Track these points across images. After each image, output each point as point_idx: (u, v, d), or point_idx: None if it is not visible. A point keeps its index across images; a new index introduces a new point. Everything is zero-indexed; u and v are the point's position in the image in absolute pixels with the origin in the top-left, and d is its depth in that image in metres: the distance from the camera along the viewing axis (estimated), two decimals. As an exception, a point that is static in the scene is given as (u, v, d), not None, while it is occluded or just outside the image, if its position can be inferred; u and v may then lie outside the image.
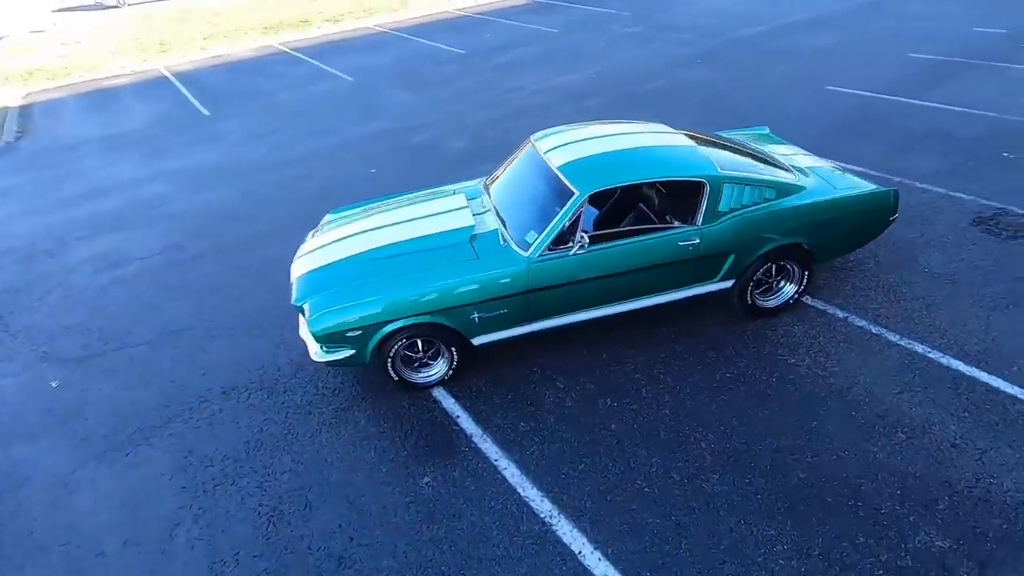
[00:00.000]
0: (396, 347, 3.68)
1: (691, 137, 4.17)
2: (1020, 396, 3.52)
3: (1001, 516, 2.90)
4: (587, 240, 3.60)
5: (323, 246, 4.09)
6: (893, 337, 4.00)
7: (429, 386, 3.92)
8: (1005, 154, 6.32)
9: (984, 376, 3.67)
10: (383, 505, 3.26)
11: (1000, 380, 3.63)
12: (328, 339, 3.57)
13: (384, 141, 8.52)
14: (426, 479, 3.38)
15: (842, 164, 5.34)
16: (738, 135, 5.01)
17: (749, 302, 4.17)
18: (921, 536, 2.85)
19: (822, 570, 2.75)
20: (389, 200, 4.56)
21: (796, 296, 4.26)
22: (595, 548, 2.95)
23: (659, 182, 4.03)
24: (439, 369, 3.90)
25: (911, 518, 2.93)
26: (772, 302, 4.26)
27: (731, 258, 3.89)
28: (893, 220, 4.24)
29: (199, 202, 7.22)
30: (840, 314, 4.25)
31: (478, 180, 4.72)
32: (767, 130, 5.33)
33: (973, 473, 3.11)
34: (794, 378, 3.78)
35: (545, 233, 3.64)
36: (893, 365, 3.81)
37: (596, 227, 4.23)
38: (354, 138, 8.76)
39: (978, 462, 3.17)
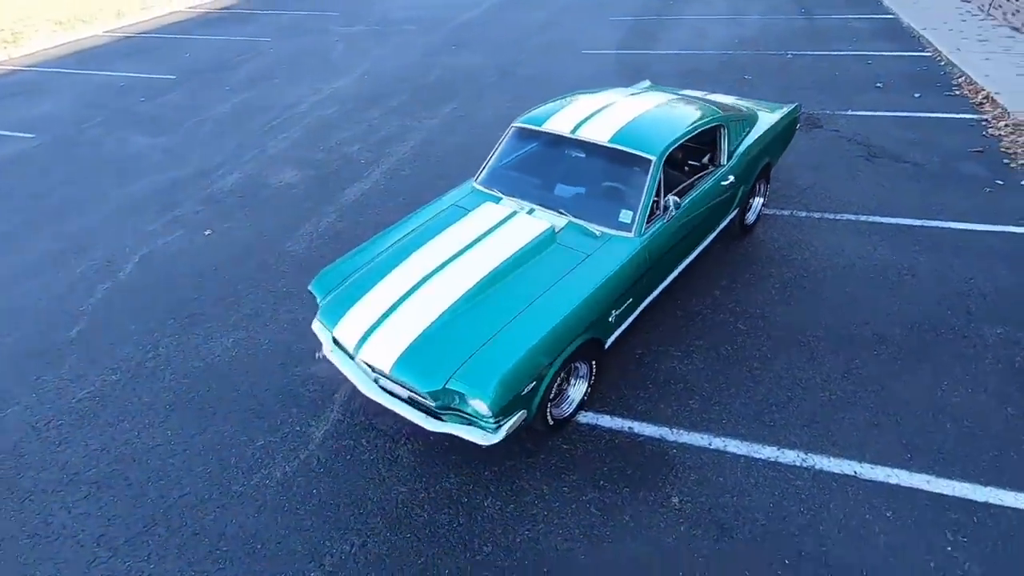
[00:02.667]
0: (554, 387, 3.07)
1: (665, 94, 4.40)
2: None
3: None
4: (679, 200, 3.56)
5: (385, 319, 3.07)
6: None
7: (573, 416, 3.40)
8: (747, 77, 8.35)
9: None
10: (679, 555, 2.78)
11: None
12: (505, 411, 2.76)
13: (187, 192, 6.49)
14: (674, 500, 2.98)
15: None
16: (648, 89, 5.41)
17: (740, 223, 4.73)
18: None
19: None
20: (393, 246, 3.61)
21: (763, 206, 5.01)
22: (863, 463, 3.05)
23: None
24: (579, 391, 3.39)
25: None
26: (752, 217, 4.91)
27: (741, 188, 4.33)
28: (797, 128, 5.30)
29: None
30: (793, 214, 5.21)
31: (462, 188, 4.12)
32: (648, 83, 5.93)
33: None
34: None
35: (641, 207, 3.45)
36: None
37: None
38: (124, 204, 6.45)
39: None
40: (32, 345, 4.44)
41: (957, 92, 7.20)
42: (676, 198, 3.55)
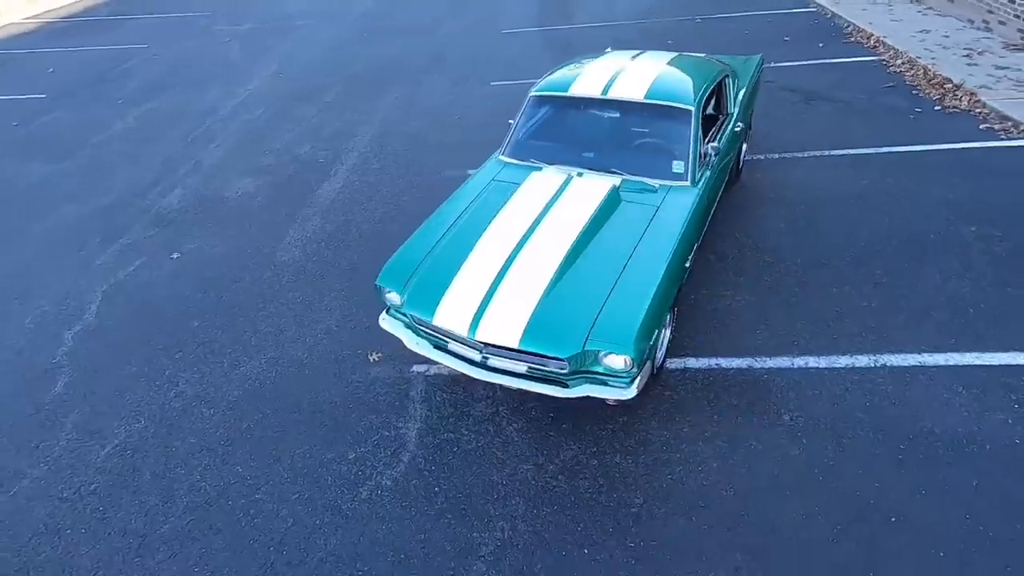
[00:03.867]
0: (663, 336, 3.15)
1: (663, 53, 4.59)
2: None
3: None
4: (718, 147, 3.75)
5: (491, 296, 2.97)
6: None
7: (664, 363, 3.50)
8: (669, 42, 8.84)
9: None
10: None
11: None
12: (641, 363, 2.79)
13: (127, 217, 5.68)
14: (785, 417, 3.19)
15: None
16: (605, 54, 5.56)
17: (735, 168, 5.06)
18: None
19: None
20: (454, 228, 3.48)
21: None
22: (923, 353, 3.43)
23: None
24: (666, 337, 3.47)
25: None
26: (743, 161, 5.26)
27: (745, 133, 4.65)
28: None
29: None
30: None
31: (491, 164, 4.04)
32: (610, 49, 6.10)
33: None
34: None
35: (691, 156, 3.60)
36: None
37: None
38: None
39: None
40: (11, 411, 3.74)
41: (852, 39, 8.17)
42: (715, 144, 3.75)
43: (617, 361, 2.76)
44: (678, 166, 3.60)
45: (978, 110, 5.88)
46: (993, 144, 5.43)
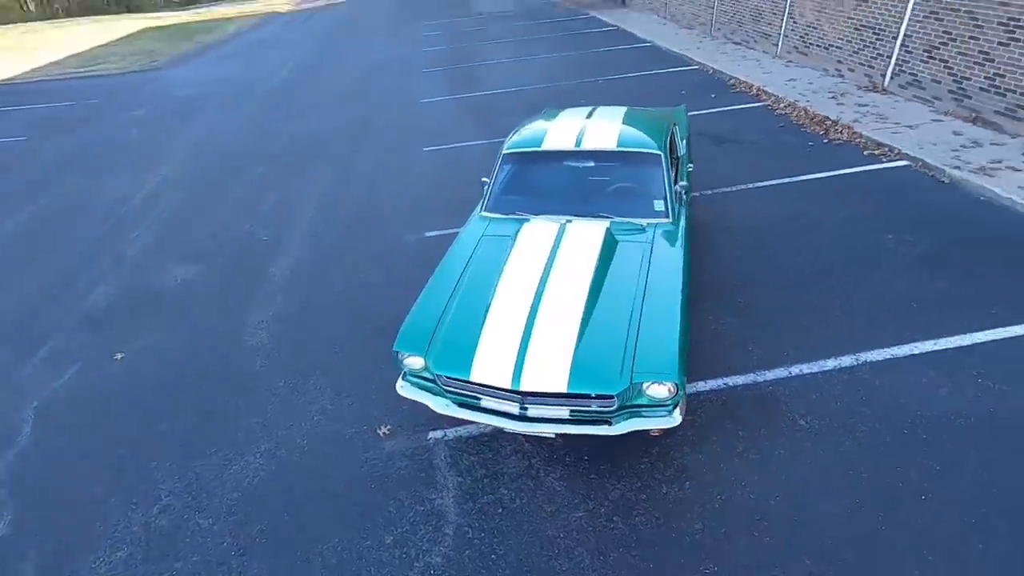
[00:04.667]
0: None
1: (611, 107, 4.99)
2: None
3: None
4: (687, 185, 4.08)
5: (526, 346, 2.97)
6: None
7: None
8: (582, 102, 9.56)
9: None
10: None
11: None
12: (684, 385, 2.88)
13: (48, 320, 4.98)
14: (801, 423, 3.39)
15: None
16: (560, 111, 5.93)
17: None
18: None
19: None
20: (463, 287, 3.46)
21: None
22: (895, 346, 3.81)
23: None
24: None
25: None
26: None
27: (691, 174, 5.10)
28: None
29: None
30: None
31: (475, 221, 4.10)
32: (547, 109, 6.50)
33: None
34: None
35: (669, 195, 3.89)
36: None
37: None
38: None
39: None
40: (-53, 566, 3.08)
41: (737, 89, 9.32)
42: (683, 183, 4.10)
43: (661, 390, 2.85)
44: (659, 205, 3.88)
45: (857, 140, 6.91)
46: (878, 166, 6.37)
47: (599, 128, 4.29)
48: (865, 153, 6.64)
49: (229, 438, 3.73)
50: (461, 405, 3.20)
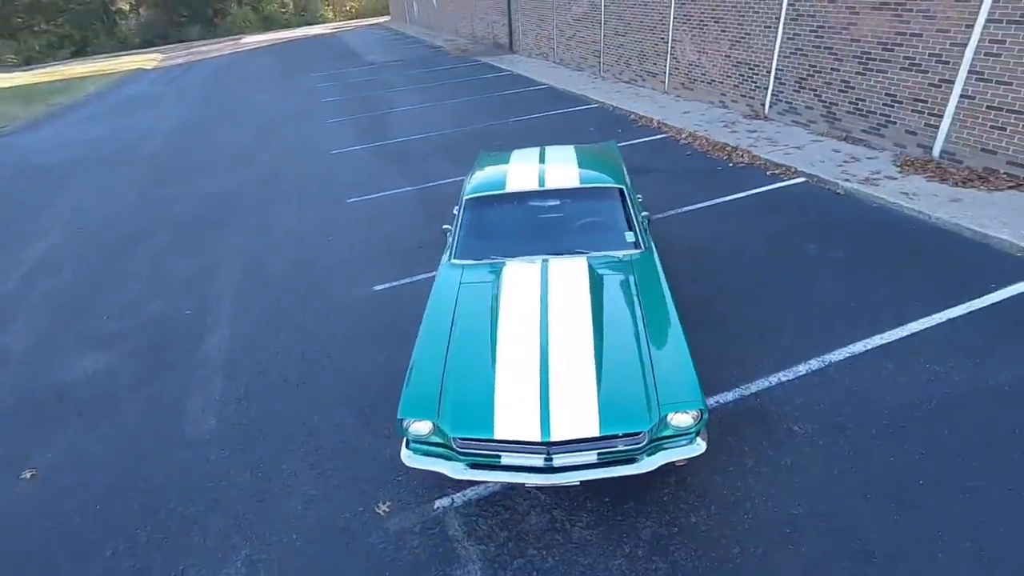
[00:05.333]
0: None
1: (558, 147, 5.09)
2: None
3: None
4: (648, 215, 4.22)
5: (546, 394, 2.85)
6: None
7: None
8: (497, 142, 9.73)
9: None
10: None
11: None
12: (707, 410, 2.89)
13: None
14: (795, 428, 3.52)
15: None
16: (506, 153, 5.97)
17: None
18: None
19: None
20: (457, 340, 3.29)
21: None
22: (853, 343, 4.15)
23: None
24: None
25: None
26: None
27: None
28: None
29: None
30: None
31: (447, 269, 3.95)
32: (483, 152, 6.52)
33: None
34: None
35: (637, 226, 3.99)
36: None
37: None
38: None
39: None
40: None
41: (639, 124, 10.00)
42: (645, 213, 4.24)
43: (686, 419, 2.84)
44: (630, 236, 3.98)
45: (758, 163, 7.63)
46: (781, 184, 7.06)
47: (558, 167, 4.36)
48: (768, 173, 7.34)
49: (198, 550, 3.19)
50: (474, 466, 2.99)
